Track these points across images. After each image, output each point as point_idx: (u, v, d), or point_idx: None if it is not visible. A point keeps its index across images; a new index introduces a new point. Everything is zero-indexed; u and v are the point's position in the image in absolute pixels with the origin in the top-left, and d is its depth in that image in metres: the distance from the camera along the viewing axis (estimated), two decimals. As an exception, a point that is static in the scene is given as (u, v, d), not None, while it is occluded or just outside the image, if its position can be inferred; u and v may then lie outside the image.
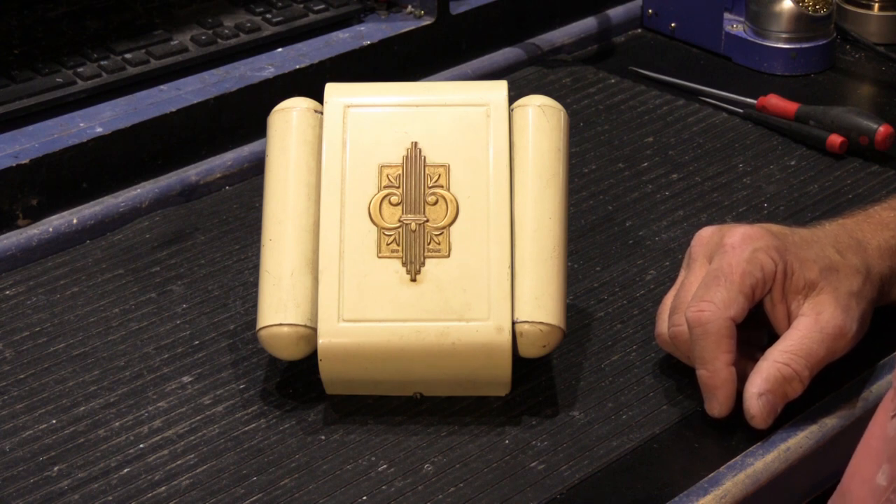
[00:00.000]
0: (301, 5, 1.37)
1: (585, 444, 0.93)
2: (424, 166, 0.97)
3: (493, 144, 0.98)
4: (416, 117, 0.99)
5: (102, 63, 1.26)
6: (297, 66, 1.29)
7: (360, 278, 0.95)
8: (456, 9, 1.40)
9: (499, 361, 0.94)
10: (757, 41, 1.43)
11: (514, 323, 0.94)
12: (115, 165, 1.20)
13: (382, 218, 0.96)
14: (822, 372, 0.95)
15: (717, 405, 0.94)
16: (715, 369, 0.93)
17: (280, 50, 1.32)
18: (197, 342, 1.03)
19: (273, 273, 0.96)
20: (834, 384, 0.98)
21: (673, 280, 1.01)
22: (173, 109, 1.23)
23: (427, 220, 0.96)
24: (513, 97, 1.00)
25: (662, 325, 0.98)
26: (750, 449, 0.93)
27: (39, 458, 0.93)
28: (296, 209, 0.97)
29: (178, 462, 0.92)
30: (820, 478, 0.95)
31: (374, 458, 0.92)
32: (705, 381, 0.94)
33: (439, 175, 0.97)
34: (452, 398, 0.97)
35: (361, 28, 1.37)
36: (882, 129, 1.26)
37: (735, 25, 1.45)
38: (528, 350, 0.94)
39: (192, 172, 1.23)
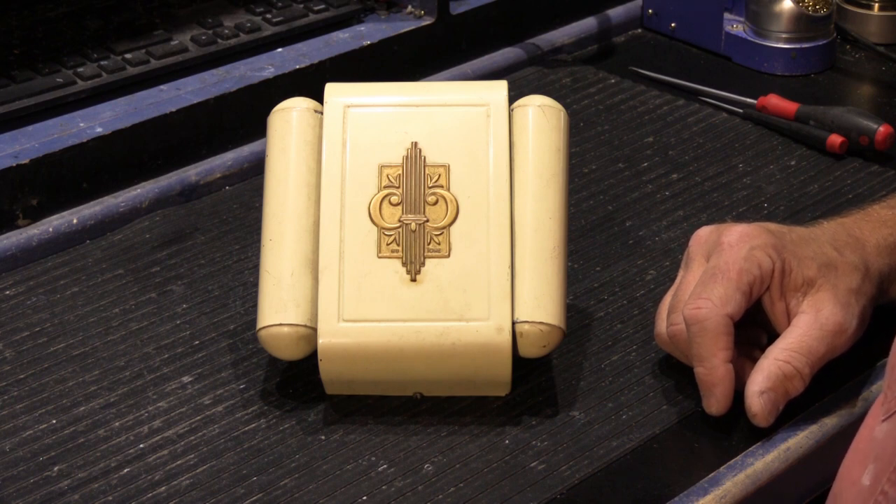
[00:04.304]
0: (301, 5, 1.37)
1: (585, 444, 0.93)
2: (424, 166, 0.97)
3: (493, 144, 0.98)
4: (416, 117, 0.99)
5: (102, 63, 1.26)
6: (297, 66, 1.29)
7: (360, 278, 0.95)
8: (456, 9, 1.40)
9: (499, 361, 0.94)
10: (757, 41, 1.43)
11: (514, 323, 0.94)
12: (115, 165, 1.20)
13: (382, 218, 0.96)
14: (822, 372, 0.95)
15: (714, 402, 0.94)
16: (712, 366, 0.93)
17: (280, 50, 1.32)
18: (197, 342, 1.03)
19: (273, 273, 0.96)
20: (834, 384, 0.98)
21: (673, 280, 1.01)
22: (173, 109, 1.23)
23: (427, 220, 0.96)
24: (513, 97, 1.00)
25: (661, 324, 0.98)
26: (750, 449, 0.93)
27: (39, 458, 0.93)
28: (296, 209, 0.97)
29: (178, 462, 0.92)
30: (820, 478, 0.95)
31: (374, 458, 0.92)
32: (703, 378, 0.94)
33: (439, 175, 0.97)
34: (452, 398, 0.97)
35: (361, 28, 1.37)
36: (882, 129, 1.26)
37: (735, 25, 1.45)
38: (528, 350, 0.94)
39: (192, 172, 1.23)
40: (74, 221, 1.16)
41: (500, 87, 1.01)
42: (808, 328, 0.94)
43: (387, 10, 1.40)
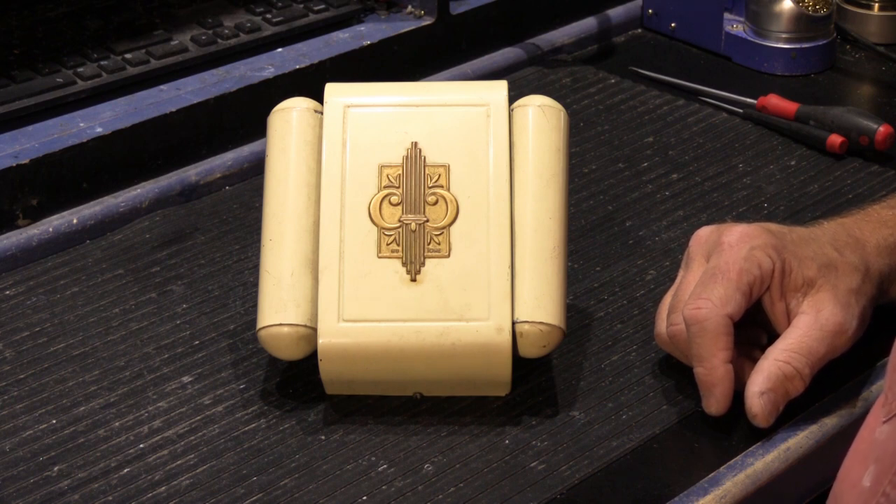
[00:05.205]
0: (301, 5, 1.37)
1: (585, 444, 0.93)
2: (424, 166, 0.97)
3: (493, 144, 0.98)
4: (416, 117, 0.99)
5: (102, 63, 1.26)
6: (297, 66, 1.30)
7: (360, 278, 0.95)
8: (456, 9, 1.40)
9: (499, 361, 0.94)
10: (757, 41, 1.43)
11: (514, 323, 0.94)
12: (115, 165, 1.20)
13: (382, 218, 0.96)
14: (822, 372, 0.95)
15: (714, 403, 0.94)
16: (712, 366, 0.93)
17: (280, 50, 1.32)
18: (197, 342, 1.03)
19: (273, 273, 0.96)
20: (834, 384, 0.98)
21: (673, 280, 1.01)
22: (173, 109, 1.23)
23: (427, 220, 0.96)
24: (513, 97, 1.00)
25: (661, 324, 0.98)
26: (750, 449, 0.93)
27: (39, 458, 0.93)
28: (296, 209, 0.97)
29: (178, 462, 0.92)
30: (820, 478, 0.95)
31: (374, 458, 0.92)
32: (702, 378, 0.94)
33: (439, 175, 0.97)
34: (452, 398, 0.97)
35: (361, 28, 1.37)
36: (882, 129, 1.26)
37: (735, 25, 1.45)
38: (528, 350, 0.94)
39: (192, 172, 1.23)
40: (74, 221, 1.16)
41: (500, 87, 1.01)
42: (808, 329, 0.94)
43: (387, 10, 1.40)
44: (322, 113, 1.00)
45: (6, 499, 0.89)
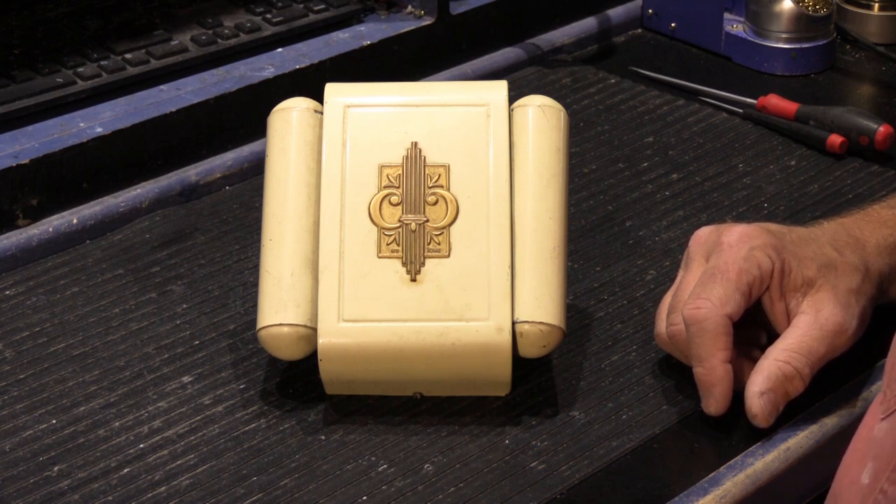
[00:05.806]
0: (301, 5, 1.37)
1: (585, 444, 0.93)
2: (424, 166, 0.98)
3: (493, 144, 0.98)
4: (416, 117, 0.99)
5: (102, 63, 1.26)
6: (297, 66, 1.30)
7: (360, 278, 0.95)
8: (456, 9, 1.40)
9: (499, 361, 0.94)
10: (757, 41, 1.43)
11: (514, 323, 0.94)
12: (115, 165, 1.20)
13: (382, 218, 0.96)
14: (822, 372, 0.95)
15: (713, 403, 0.94)
16: (711, 366, 0.93)
17: (280, 50, 1.33)
18: (197, 342, 1.03)
19: (273, 273, 0.96)
20: (834, 384, 0.98)
21: (673, 280, 1.01)
22: (173, 109, 1.23)
23: (427, 220, 0.96)
24: (513, 97, 1.00)
25: (661, 324, 0.98)
26: (750, 449, 0.93)
27: (39, 458, 0.93)
28: (296, 209, 0.97)
29: (178, 462, 0.92)
30: (820, 478, 0.95)
31: (374, 458, 0.92)
32: (701, 378, 0.94)
33: (439, 175, 0.97)
34: (452, 398, 0.97)
35: (361, 28, 1.37)
36: (882, 129, 1.26)
37: (735, 25, 1.45)
38: (528, 350, 0.94)
39: (192, 172, 1.23)
40: (74, 221, 1.16)
41: (500, 87, 1.01)
42: (808, 328, 0.94)
43: (387, 10, 1.40)
44: (322, 113, 1.00)
45: (6, 499, 0.89)
